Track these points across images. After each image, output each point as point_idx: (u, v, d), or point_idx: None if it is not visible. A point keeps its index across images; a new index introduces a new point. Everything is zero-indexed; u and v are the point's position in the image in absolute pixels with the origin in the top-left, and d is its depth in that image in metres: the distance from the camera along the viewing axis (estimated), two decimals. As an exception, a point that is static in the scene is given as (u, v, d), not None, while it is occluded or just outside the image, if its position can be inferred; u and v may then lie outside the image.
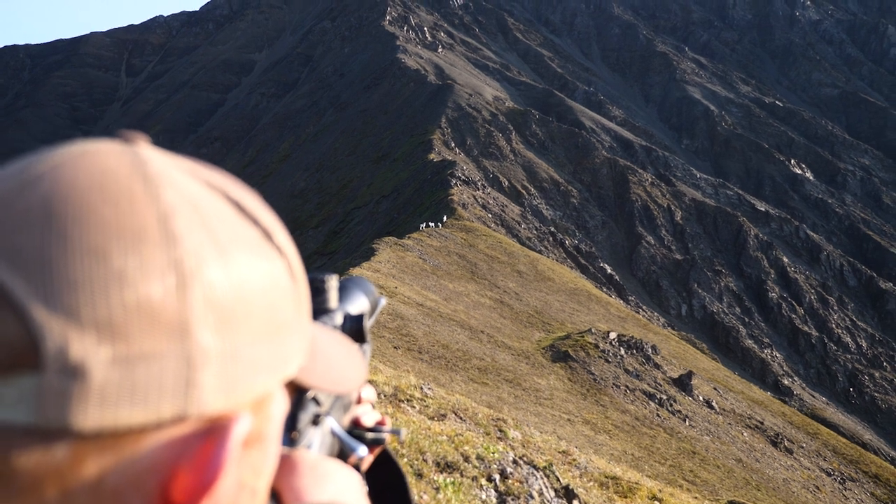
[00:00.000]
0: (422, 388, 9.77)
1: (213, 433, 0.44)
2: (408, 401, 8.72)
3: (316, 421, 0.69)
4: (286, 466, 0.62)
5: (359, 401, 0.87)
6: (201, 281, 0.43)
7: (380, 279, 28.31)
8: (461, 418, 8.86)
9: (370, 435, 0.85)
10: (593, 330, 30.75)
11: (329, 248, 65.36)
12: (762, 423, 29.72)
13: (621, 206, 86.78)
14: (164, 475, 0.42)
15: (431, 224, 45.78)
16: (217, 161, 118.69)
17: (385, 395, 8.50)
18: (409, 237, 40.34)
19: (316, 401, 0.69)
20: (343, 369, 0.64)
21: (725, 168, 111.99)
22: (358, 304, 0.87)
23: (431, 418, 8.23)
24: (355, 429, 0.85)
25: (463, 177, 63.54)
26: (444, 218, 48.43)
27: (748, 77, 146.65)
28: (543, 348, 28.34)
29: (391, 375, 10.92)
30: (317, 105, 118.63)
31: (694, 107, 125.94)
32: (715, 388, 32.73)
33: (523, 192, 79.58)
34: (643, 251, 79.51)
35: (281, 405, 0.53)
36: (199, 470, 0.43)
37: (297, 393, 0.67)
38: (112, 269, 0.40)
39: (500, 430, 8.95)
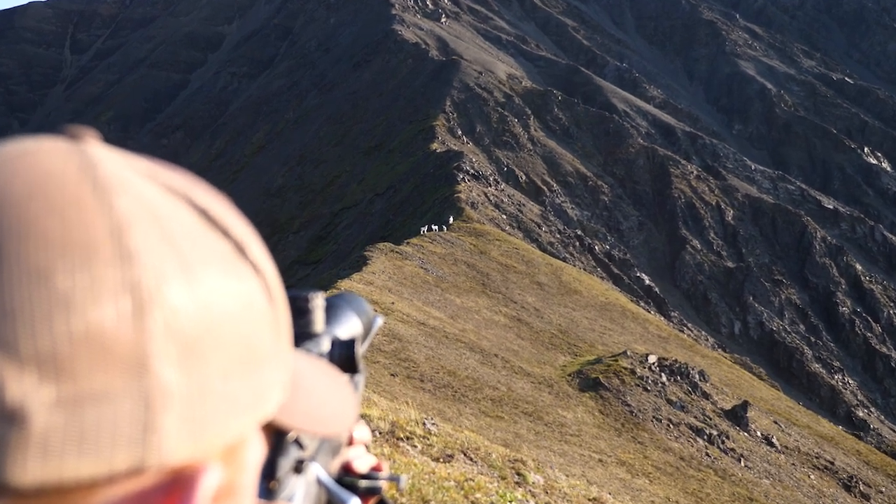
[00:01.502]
0: (424, 424, 9.77)
1: (176, 487, 0.44)
2: (408, 439, 8.72)
3: (299, 468, 0.69)
4: None
5: (350, 442, 0.86)
6: (162, 305, 0.42)
7: (373, 293, 28.36)
8: (471, 459, 8.86)
9: (364, 483, 0.84)
10: (629, 352, 30.69)
11: (313, 257, 65.49)
12: (832, 464, 29.59)
13: (661, 203, 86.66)
14: None
15: (434, 227, 45.83)
16: (179, 153, 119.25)
17: (380, 433, 8.50)
18: (407, 243, 40.38)
19: (299, 444, 0.69)
20: (330, 406, 0.64)
21: (785, 158, 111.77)
22: (349, 327, 0.86)
23: (436, 460, 8.23)
24: (346, 476, 0.84)
25: (472, 170, 63.61)
26: (450, 220, 48.49)
27: (812, 49, 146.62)
28: (569, 375, 28.29)
29: (388, 408, 10.93)
30: (297, 86, 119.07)
31: (747, 85, 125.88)
32: (775, 422, 32.59)
33: (544, 188, 79.59)
34: (688, 258, 79.34)
35: (257, 451, 0.53)
36: None
37: (276, 435, 0.67)
38: (56, 293, 0.39)
39: (519, 474, 8.94)
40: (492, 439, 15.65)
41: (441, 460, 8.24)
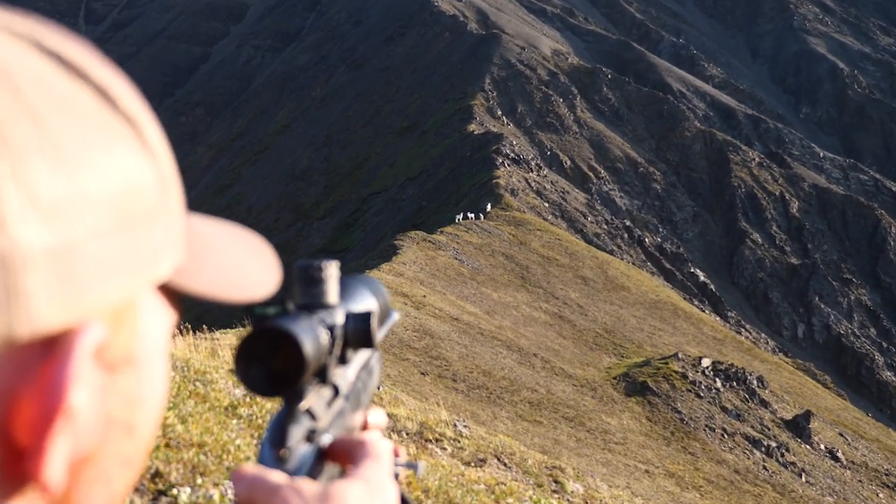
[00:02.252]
0: (455, 426, 9.84)
1: (55, 349, 0.44)
2: (437, 441, 8.79)
3: (311, 438, 0.70)
4: (278, 498, 0.59)
5: (364, 426, 0.87)
6: (11, 161, 0.42)
7: (404, 285, 28.51)
8: (505, 465, 8.91)
9: None
10: (680, 355, 30.54)
11: (339, 245, 65.90)
12: (904, 481, 29.25)
13: (719, 193, 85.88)
14: (2, 405, 0.43)
15: (471, 215, 45.88)
16: (199, 132, 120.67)
17: (408, 433, 8.59)
18: (441, 232, 40.49)
19: (311, 414, 0.70)
20: (244, 272, 0.64)
21: (858, 145, 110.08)
22: (364, 304, 0.88)
23: (467, 463, 8.29)
24: None
25: (512, 154, 63.53)
26: (488, 207, 48.49)
27: (890, 25, 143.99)
28: (615, 378, 28.24)
29: (416, 408, 11.02)
30: (325, 61, 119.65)
31: (817, 64, 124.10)
32: (841, 434, 32.26)
33: (590, 174, 79.25)
34: (747, 253, 78.61)
35: (159, 318, 0.54)
36: (42, 397, 0.43)
37: (287, 403, 0.69)
38: None
39: (556, 482, 8.97)
40: (528, 445, 15.70)
41: (472, 464, 8.31)
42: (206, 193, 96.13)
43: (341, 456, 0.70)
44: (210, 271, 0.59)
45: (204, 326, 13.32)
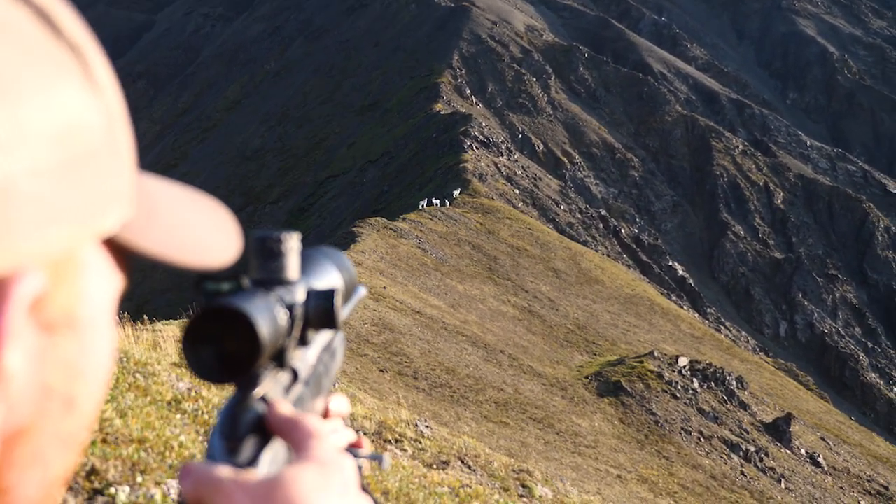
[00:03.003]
0: (416, 426, 9.86)
1: None
2: (397, 441, 8.81)
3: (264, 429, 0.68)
4: (221, 494, 0.58)
5: (326, 414, 0.86)
6: None
7: (362, 276, 28.42)
8: (469, 467, 8.94)
9: None
10: (656, 353, 30.78)
11: (294, 229, 65.30)
12: (887, 488, 29.73)
13: (700, 182, 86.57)
14: None
15: (436, 201, 45.85)
16: (140, 107, 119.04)
17: (366, 433, 8.59)
18: (403, 219, 40.41)
19: (265, 402, 0.69)
20: (202, 235, 0.63)
21: (847, 133, 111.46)
22: (327, 279, 0.86)
23: (429, 465, 8.32)
24: None
25: (481, 136, 63.52)
26: (454, 193, 48.48)
27: (882, 7, 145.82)
28: (586, 377, 28.39)
29: (374, 407, 11.01)
30: (280, 32, 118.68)
31: (805, 47, 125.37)
32: (823, 438, 32.72)
33: (564, 159, 79.49)
34: (729, 246, 79.35)
35: (103, 280, 0.52)
36: None
37: (241, 390, 0.67)
38: None
39: (524, 486, 9.02)
40: (494, 447, 15.76)
41: (434, 466, 8.33)
42: (148, 173, 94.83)
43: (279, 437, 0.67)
44: (163, 231, 0.58)
45: (145, 317, 13.18)
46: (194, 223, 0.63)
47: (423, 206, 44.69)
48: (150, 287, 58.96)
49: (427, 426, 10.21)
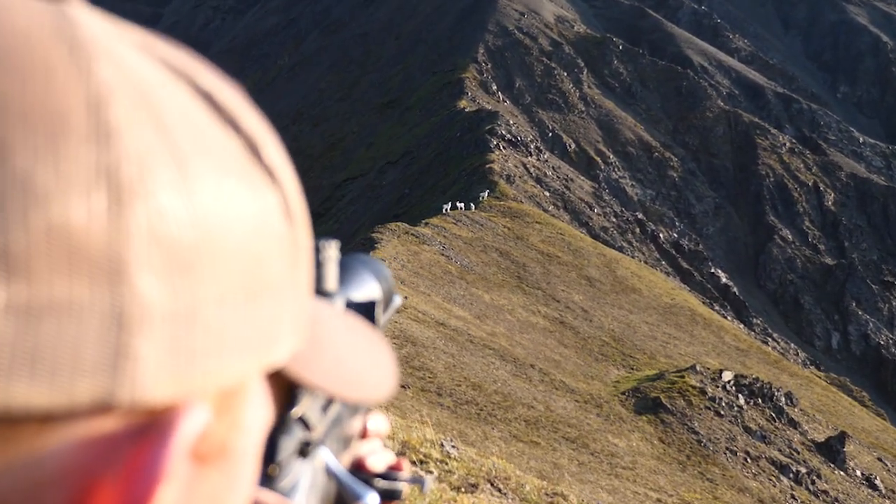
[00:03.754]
0: (442, 446, 9.85)
1: (150, 431, 0.42)
2: (422, 463, 8.80)
3: (305, 452, 0.68)
4: None
5: (364, 434, 0.86)
6: (147, 201, 0.41)
7: (382, 284, 28.41)
8: (500, 490, 8.92)
9: (381, 483, 0.83)
10: (699, 367, 30.63)
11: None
12: (950, 514, 29.45)
13: (744, 182, 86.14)
14: (75, 489, 0.40)
15: (460, 205, 45.84)
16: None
17: (388, 455, 8.58)
18: (426, 223, 40.44)
19: (304, 423, 0.68)
20: (363, 367, 0.63)
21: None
22: (366, 290, 0.86)
23: (456, 488, 8.31)
24: (358, 475, 0.83)
25: (508, 135, 63.50)
26: (480, 196, 48.47)
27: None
28: (623, 393, 28.28)
29: (398, 426, 11.00)
30: (294, 25, 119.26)
31: (857, 37, 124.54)
32: (880, 459, 32.44)
33: (598, 159, 79.32)
34: (776, 251, 78.89)
35: (261, 411, 0.53)
36: (125, 488, 0.41)
37: (279, 409, 0.65)
38: (13, 175, 0.38)
39: (557, 511, 8.99)
40: (525, 469, 15.72)
41: (463, 490, 8.32)
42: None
43: None
44: (328, 363, 0.59)
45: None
46: (355, 354, 0.63)
47: (446, 209, 44.71)
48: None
49: (453, 446, 10.20)
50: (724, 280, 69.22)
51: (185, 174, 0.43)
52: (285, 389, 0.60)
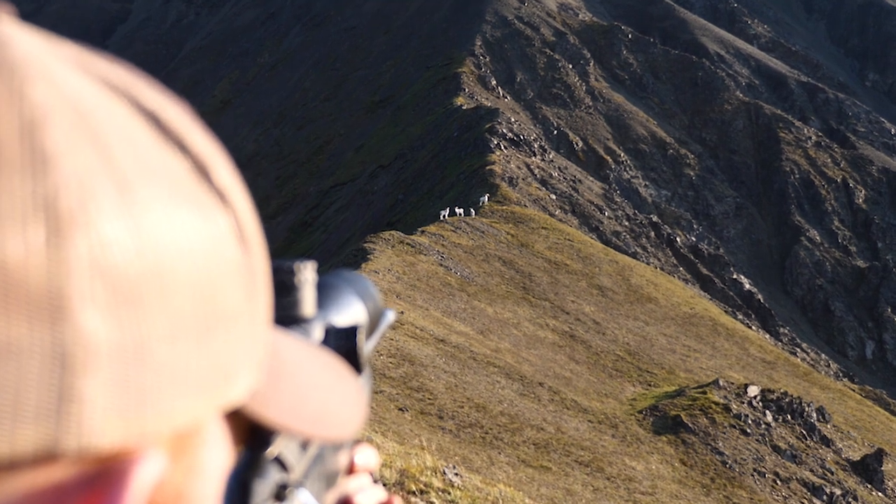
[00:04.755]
0: (444, 474, 9.86)
1: (102, 481, 0.42)
2: (422, 492, 8.80)
3: (281, 496, 0.68)
4: None
5: (351, 469, 0.86)
6: (88, 232, 0.41)
7: (376, 299, 28.41)
8: (507, 521, 8.92)
9: None
10: (721, 382, 30.63)
11: (294, 250, 65.69)
12: None
13: (767, 180, 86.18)
14: None
15: (459, 211, 45.86)
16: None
17: (386, 483, 8.59)
18: (422, 232, 40.45)
19: (281, 464, 0.68)
20: (328, 403, 0.63)
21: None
22: (350, 313, 0.86)
23: (460, 521, 8.32)
24: None
25: (510, 134, 63.54)
26: (481, 201, 48.49)
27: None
28: (640, 412, 28.27)
29: (396, 453, 11.01)
30: (275, 20, 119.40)
31: (886, 20, 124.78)
32: (921, 478, 32.44)
33: (608, 157, 79.38)
34: (803, 254, 78.89)
35: (220, 454, 0.53)
36: None
37: (251, 448, 0.65)
38: None
39: (571, 542, 9.00)
40: (535, 497, 15.72)
41: (467, 522, 8.33)
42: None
43: None
44: (288, 399, 0.59)
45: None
46: (320, 389, 0.64)
47: (444, 216, 44.71)
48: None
49: (456, 473, 10.20)
50: (747, 286, 69.23)
51: (130, 200, 0.42)
52: (246, 429, 0.60)
